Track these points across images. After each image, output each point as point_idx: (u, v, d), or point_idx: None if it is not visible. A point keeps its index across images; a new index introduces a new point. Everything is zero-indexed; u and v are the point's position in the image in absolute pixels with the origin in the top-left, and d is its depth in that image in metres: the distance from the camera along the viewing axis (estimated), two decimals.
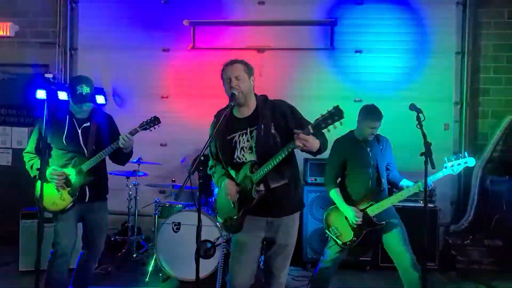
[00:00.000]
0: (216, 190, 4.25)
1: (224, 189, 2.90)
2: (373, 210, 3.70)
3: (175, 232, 4.53)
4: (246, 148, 2.90)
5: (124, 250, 5.30)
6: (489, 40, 5.94)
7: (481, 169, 5.74)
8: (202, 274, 2.86)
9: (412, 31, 5.98)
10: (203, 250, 4.14)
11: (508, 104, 5.90)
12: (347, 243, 3.75)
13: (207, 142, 2.78)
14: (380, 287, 4.73)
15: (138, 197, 5.36)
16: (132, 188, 5.35)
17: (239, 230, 2.93)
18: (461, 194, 5.94)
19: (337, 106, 2.53)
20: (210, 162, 3.16)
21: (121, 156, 3.67)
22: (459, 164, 3.60)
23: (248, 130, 2.90)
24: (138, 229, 5.56)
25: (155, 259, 4.62)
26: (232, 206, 2.91)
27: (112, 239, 5.63)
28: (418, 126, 3.58)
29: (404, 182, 3.86)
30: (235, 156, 2.93)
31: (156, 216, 4.98)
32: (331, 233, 3.84)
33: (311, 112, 6.06)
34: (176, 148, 5.89)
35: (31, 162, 3.50)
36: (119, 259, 5.19)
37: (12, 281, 4.64)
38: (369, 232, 3.75)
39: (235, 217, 2.90)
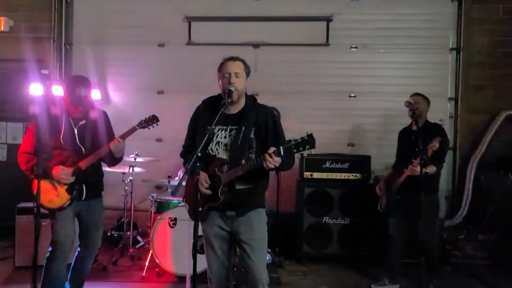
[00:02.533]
0: None
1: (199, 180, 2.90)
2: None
3: (171, 227, 4.55)
4: (221, 143, 2.95)
5: (120, 246, 5.31)
6: (484, 36, 5.97)
7: (475, 164, 5.78)
8: (198, 269, 2.87)
9: (407, 27, 6.00)
10: (200, 245, 4.14)
11: (502, 99, 5.92)
12: (380, 210, 4.60)
13: (205, 139, 2.78)
14: (375, 281, 4.74)
15: (134, 193, 5.37)
16: (128, 184, 5.35)
17: (203, 221, 3.03)
18: (456, 189, 5.98)
19: (311, 134, 2.60)
20: (184, 144, 3.20)
21: (110, 160, 3.67)
22: None
23: (229, 128, 2.95)
24: (134, 224, 5.57)
25: (151, 254, 4.63)
26: (199, 197, 2.93)
27: (108, 234, 5.64)
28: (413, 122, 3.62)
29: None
30: (209, 148, 2.96)
31: (152, 211, 5.00)
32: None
33: (304, 107, 6.14)
34: (172, 143, 5.89)
35: (31, 164, 3.43)
36: (115, 254, 5.20)
37: (8, 277, 4.63)
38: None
39: (199, 209, 2.96)
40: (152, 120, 3.63)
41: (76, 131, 3.53)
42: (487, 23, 5.96)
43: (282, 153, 2.64)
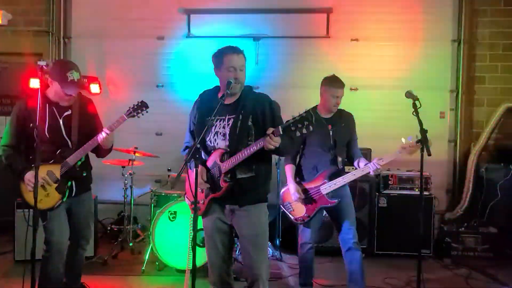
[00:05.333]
0: None
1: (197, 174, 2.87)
2: (326, 188, 3.77)
3: (171, 221, 4.54)
4: (220, 133, 2.92)
5: (120, 239, 5.31)
6: (485, 27, 5.93)
7: (476, 157, 5.77)
8: (198, 263, 2.87)
9: (408, 18, 5.95)
10: (199, 238, 4.14)
11: (503, 92, 5.90)
12: (299, 219, 3.87)
13: (205, 130, 2.76)
14: (375, 275, 4.74)
15: (133, 186, 5.36)
16: (127, 177, 5.34)
17: (204, 215, 3.00)
18: (456, 182, 5.97)
19: (309, 110, 2.55)
20: (186, 140, 3.18)
21: (100, 152, 3.49)
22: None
23: (227, 117, 2.92)
24: (134, 218, 5.57)
25: (151, 248, 4.62)
26: (200, 191, 2.91)
27: (108, 228, 5.64)
28: (414, 114, 3.58)
29: (359, 162, 3.87)
30: (208, 139, 2.94)
31: (152, 205, 4.99)
32: (285, 208, 3.97)
33: (305, 100, 6.10)
34: (172, 137, 5.88)
35: (10, 161, 3.29)
36: (115, 248, 5.19)
37: (8, 271, 4.64)
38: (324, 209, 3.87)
39: (201, 202, 2.93)
40: (140, 107, 3.33)
41: (61, 122, 3.32)
42: (489, 14, 5.91)
43: (281, 132, 2.62)
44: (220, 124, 2.93)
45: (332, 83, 3.89)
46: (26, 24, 6.22)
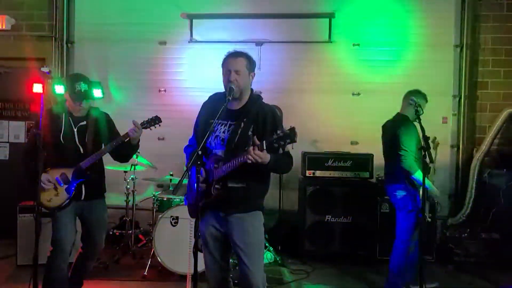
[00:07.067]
0: None
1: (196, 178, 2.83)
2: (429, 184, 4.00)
3: (173, 226, 4.54)
4: (219, 138, 2.89)
5: (122, 244, 5.31)
6: (488, 33, 5.93)
7: (478, 162, 5.75)
8: (200, 268, 2.86)
9: (411, 24, 5.96)
10: (201, 244, 4.13)
11: (506, 97, 5.90)
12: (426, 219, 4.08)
13: (206, 136, 2.77)
14: (377, 281, 4.73)
15: (136, 191, 5.36)
16: (130, 182, 5.34)
17: (199, 218, 2.90)
18: (459, 187, 5.95)
19: (293, 128, 2.52)
20: (190, 138, 3.15)
21: (126, 150, 3.64)
22: None
23: (228, 123, 2.89)
24: (136, 223, 5.56)
25: (153, 253, 4.62)
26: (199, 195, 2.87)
27: (110, 233, 5.63)
28: (417, 120, 3.59)
29: None
30: (208, 141, 2.91)
31: (154, 210, 4.98)
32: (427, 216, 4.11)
33: (308, 105, 6.13)
34: (174, 142, 5.88)
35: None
36: (117, 253, 5.19)
37: (10, 275, 4.63)
38: None
39: (199, 205, 2.88)
40: (154, 120, 3.62)
41: (75, 131, 3.53)
42: (491, 20, 5.92)
43: (264, 147, 2.56)
44: (221, 128, 2.89)
45: (425, 96, 4.21)
46: (29, 29, 6.23)
